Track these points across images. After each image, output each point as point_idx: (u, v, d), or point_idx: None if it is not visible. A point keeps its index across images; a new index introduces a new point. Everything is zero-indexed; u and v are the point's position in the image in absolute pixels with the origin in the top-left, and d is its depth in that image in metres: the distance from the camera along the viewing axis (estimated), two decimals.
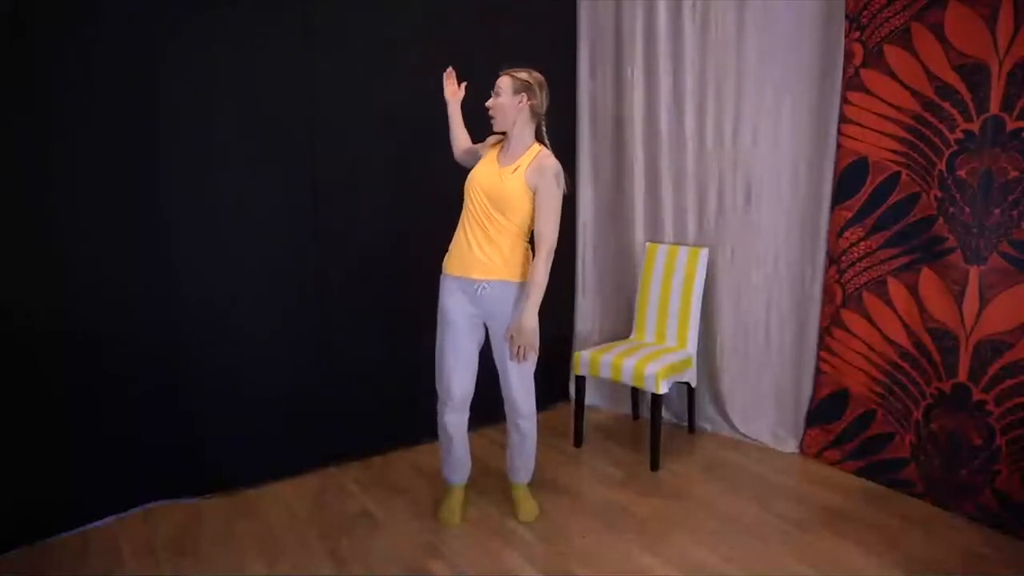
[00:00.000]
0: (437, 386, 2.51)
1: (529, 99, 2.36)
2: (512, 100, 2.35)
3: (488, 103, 2.40)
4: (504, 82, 2.37)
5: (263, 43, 2.66)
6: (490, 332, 2.49)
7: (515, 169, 2.36)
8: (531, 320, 2.34)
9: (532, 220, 2.38)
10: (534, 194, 2.35)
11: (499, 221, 2.36)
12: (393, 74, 2.98)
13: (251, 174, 2.71)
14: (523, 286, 2.40)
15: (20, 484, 2.35)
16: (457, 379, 2.46)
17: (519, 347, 2.36)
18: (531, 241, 2.43)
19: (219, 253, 2.67)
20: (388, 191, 3.03)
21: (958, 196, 2.57)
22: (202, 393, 2.70)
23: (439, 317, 2.48)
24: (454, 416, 2.51)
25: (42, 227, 2.34)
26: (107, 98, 2.39)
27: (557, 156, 2.41)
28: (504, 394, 2.52)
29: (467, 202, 2.43)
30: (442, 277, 2.49)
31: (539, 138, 2.44)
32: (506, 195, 2.35)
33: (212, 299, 2.68)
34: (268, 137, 2.72)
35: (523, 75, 2.36)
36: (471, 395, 2.52)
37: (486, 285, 2.39)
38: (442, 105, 2.71)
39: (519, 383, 2.47)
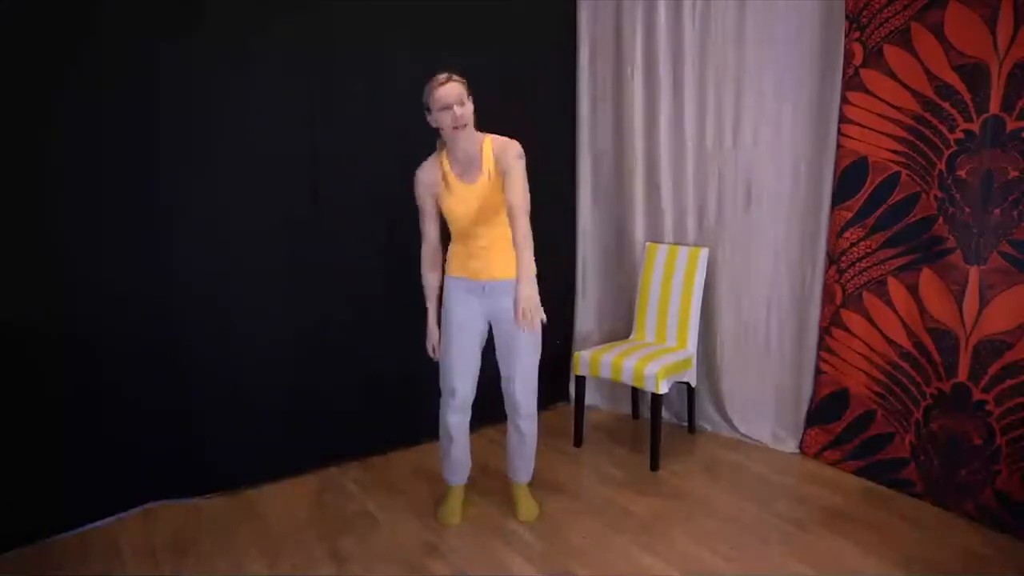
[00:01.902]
0: (441, 386, 2.51)
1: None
2: (470, 104, 2.28)
3: (456, 113, 2.22)
4: (459, 88, 2.25)
5: (264, 44, 2.66)
6: (495, 330, 2.48)
7: (488, 176, 2.31)
8: (529, 282, 2.10)
9: None
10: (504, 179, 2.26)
11: (491, 227, 2.36)
12: (393, 73, 2.97)
13: (251, 174, 2.71)
14: None
15: (20, 484, 2.35)
16: (460, 379, 2.46)
17: (527, 314, 2.10)
18: None
19: (219, 253, 2.67)
20: (389, 190, 3.02)
21: (958, 196, 2.57)
22: (202, 393, 2.70)
23: (443, 318, 2.47)
24: (456, 416, 2.51)
25: (42, 227, 2.34)
26: (107, 98, 2.39)
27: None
28: (506, 394, 2.52)
29: (457, 225, 2.40)
30: (445, 279, 2.49)
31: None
32: (493, 205, 2.32)
33: (212, 299, 2.68)
34: (269, 137, 2.72)
35: (462, 77, 2.28)
36: (473, 395, 2.52)
37: (490, 285, 2.40)
38: None
39: (523, 382, 2.48)
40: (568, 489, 2.88)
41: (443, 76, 2.26)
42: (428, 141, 2.43)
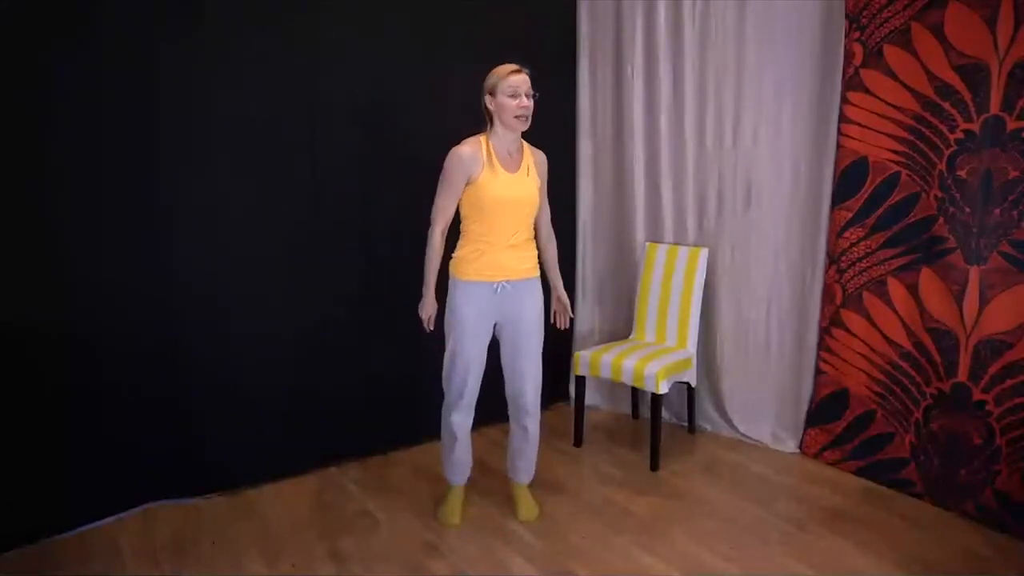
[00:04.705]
0: (446, 388, 2.49)
1: None
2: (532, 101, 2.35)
3: (524, 103, 2.29)
4: (528, 82, 2.31)
5: (264, 45, 2.66)
6: (504, 331, 2.48)
7: (528, 172, 2.40)
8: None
9: None
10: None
11: (528, 225, 2.43)
12: (394, 73, 2.98)
13: (252, 174, 2.71)
14: (539, 280, 2.51)
15: (20, 484, 2.34)
16: (473, 381, 2.46)
17: (566, 312, 2.63)
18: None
19: (219, 253, 2.67)
20: (389, 190, 3.02)
21: (958, 196, 2.57)
22: (202, 393, 2.70)
23: (454, 321, 2.42)
24: (461, 416, 2.50)
25: (42, 227, 2.34)
26: (107, 98, 2.39)
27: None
28: (514, 395, 2.52)
29: (492, 217, 2.35)
30: (453, 282, 2.43)
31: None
32: (533, 200, 2.42)
33: (212, 299, 2.67)
34: (269, 137, 2.72)
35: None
36: (477, 395, 2.52)
37: (507, 285, 2.40)
38: (443, 103, 2.72)
39: (535, 384, 2.50)
40: (568, 489, 2.88)
41: (515, 65, 2.32)
42: (431, 140, 2.44)
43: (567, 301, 2.65)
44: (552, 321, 2.65)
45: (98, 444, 2.50)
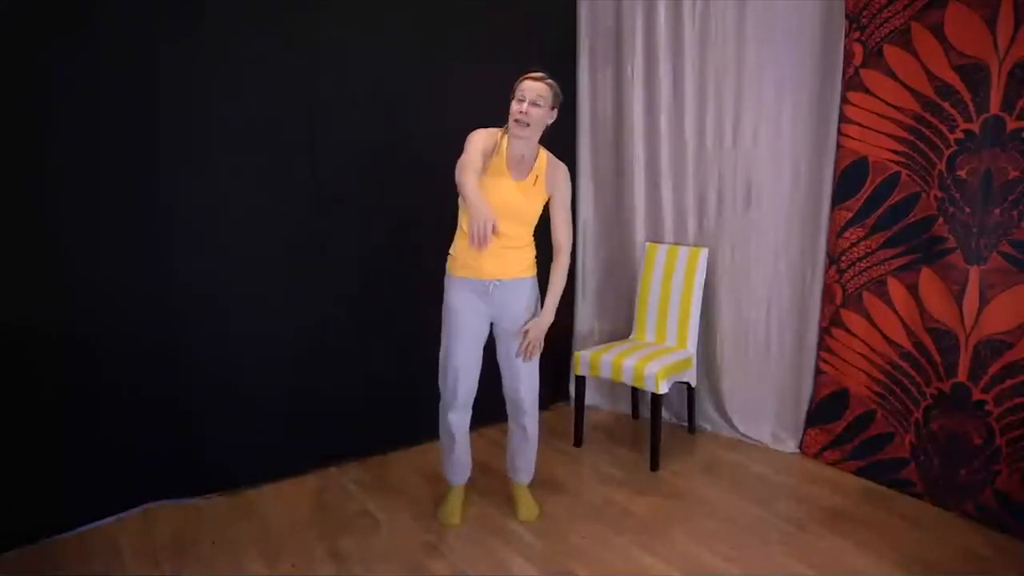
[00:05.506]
0: (441, 386, 2.50)
1: (556, 112, 2.35)
2: (549, 114, 2.33)
3: (524, 108, 2.26)
4: (545, 92, 2.29)
5: (264, 45, 2.66)
6: (498, 330, 2.48)
7: (535, 181, 2.37)
8: (551, 318, 2.43)
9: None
10: (549, 197, 2.42)
11: (519, 232, 2.40)
12: (395, 73, 2.97)
13: (251, 174, 2.70)
14: (533, 280, 2.46)
15: (20, 484, 2.34)
16: (465, 380, 2.45)
17: (531, 343, 2.41)
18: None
19: (219, 253, 2.67)
20: (389, 190, 3.02)
21: (958, 196, 2.57)
22: (202, 393, 2.70)
23: (447, 318, 2.44)
24: (457, 416, 2.50)
25: (41, 227, 2.34)
26: (107, 98, 2.39)
27: (556, 156, 2.43)
28: (510, 394, 2.52)
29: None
30: (448, 278, 2.46)
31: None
32: (532, 211, 2.40)
33: (212, 299, 2.67)
34: (269, 137, 2.72)
35: (556, 87, 2.33)
36: (474, 395, 2.52)
37: (498, 283, 2.39)
38: (444, 104, 2.70)
39: (530, 383, 2.49)
40: (568, 489, 2.88)
41: (539, 74, 2.31)
42: (430, 140, 2.44)
43: (537, 329, 2.40)
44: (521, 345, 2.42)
45: (98, 444, 2.50)
